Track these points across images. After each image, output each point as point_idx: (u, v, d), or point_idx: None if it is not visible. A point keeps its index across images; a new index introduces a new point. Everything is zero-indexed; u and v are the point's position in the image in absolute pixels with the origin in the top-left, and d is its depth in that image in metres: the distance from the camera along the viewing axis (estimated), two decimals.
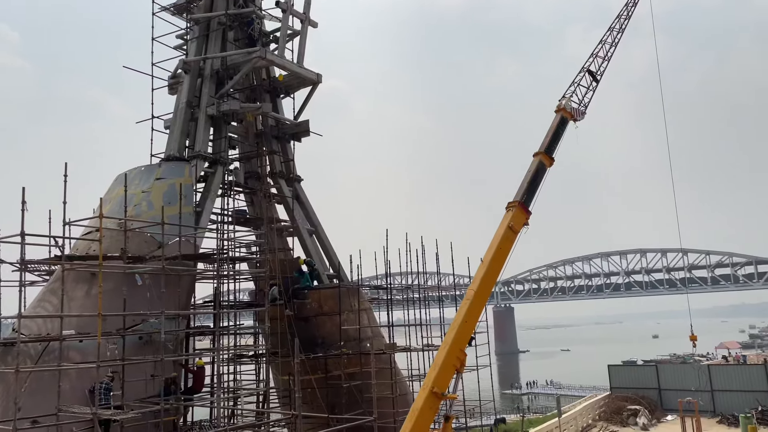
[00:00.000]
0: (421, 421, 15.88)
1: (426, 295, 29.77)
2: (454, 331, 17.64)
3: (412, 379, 26.58)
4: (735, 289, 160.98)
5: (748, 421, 29.77)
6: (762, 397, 33.03)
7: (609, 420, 33.50)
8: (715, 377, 35.37)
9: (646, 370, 40.54)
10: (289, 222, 25.03)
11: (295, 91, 26.14)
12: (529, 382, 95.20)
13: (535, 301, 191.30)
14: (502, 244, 19.73)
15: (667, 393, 35.89)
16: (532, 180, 21.37)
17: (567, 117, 22.82)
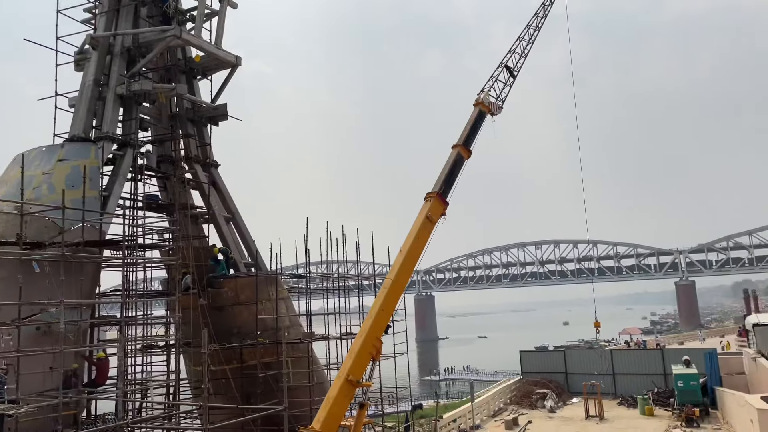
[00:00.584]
0: (335, 409, 15.93)
1: (346, 283, 29.82)
2: (370, 320, 17.78)
3: (330, 367, 26.63)
4: (639, 278, 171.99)
5: (645, 402, 31.89)
6: (658, 380, 35.44)
7: (519, 403, 34.93)
8: (616, 361, 37.60)
9: (555, 355, 42.53)
10: (205, 208, 24.25)
11: (212, 73, 25.26)
12: (447, 369, 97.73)
13: (455, 290, 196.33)
14: (419, 233, 20.04)
15: (573, 377, 37.84)
16: (450, 171, 21.79)
17: (485, 111, 23.39)
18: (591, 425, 28.99)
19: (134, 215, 19.75)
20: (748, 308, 58.06)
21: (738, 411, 24.70)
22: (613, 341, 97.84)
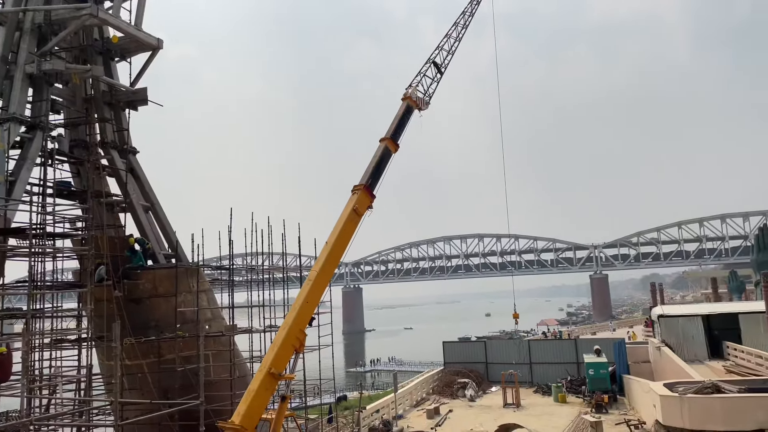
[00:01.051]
0: (256, 402, 15.72)
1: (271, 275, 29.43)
2: (294, 312, 17.64)
3: (253, 360, 26.24)
4: (557, 272, 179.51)
5: (559, 390, 33.43)
6: (571, 368, 37.23)
7: (441, 393, 35.75)
8: (533, 351, 39.19)
9: (476, 345, 43.82)
10: (122, 197, 23.23)
11: (132, 55, 24.16)
12: (373, 360, 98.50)
13: (383, 282, 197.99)
14: (346, 226, 20.05)
15: (493, 366, 39.12)
16: (377, 164, 21.89)
17: (412, 105, 23.63)
18: (508, 413, 30.08)
19: (43, 202, 18.63)
20: (655, 300, 61.83)
21: (643, 397, 26.31)
22: (532, 332, 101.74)
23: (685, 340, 36.67)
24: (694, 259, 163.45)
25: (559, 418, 28.20)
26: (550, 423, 27.38)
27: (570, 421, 27.20)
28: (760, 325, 34.30)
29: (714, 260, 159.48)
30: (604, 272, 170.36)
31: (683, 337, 36.80)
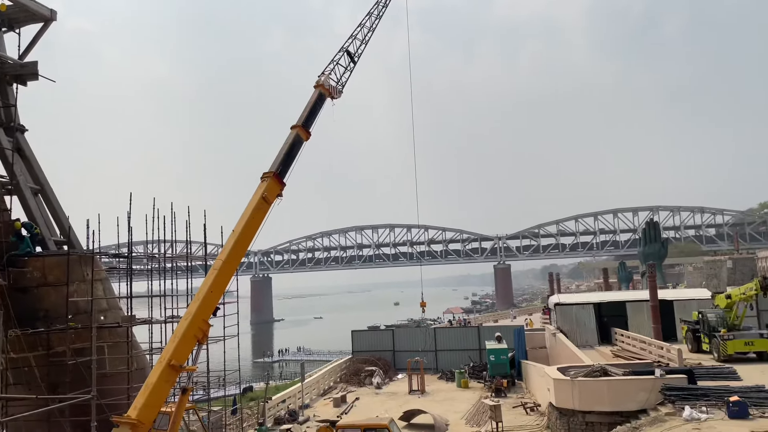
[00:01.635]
0: (154, 395, 15.11)
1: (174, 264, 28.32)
2: (198, 302, 17.07)
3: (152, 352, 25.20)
4: (464, 261, 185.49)
5: (462, 375, 34.62)
6: (474, 355, 38.64)
7: (349, 381, 36.03)
8: (439, 339, 40.33)
9: (384, 334, 44.47)
10: (7, 178, 21.47)
11: (22, 25, 22.31)
12: (281, 350, 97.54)
13: (293, 271, 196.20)
14: (254, 214, 19.62)
15: (400, 354, 39.88)
16: (288, 152, 21.55)
17: (325, 93, 23.44)
18: (413, 399, 30.80)
19: None
20: (552, 289, 65.34)
21: (539, 381, 27.78)
22: (438, 320, 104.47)
23: (578, 327, 39.06)
24: (589, 251, 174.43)
25: (461, 403, 29.24)
26: (452, 408, 28.32)
27: (471, 406, 28.27)
28: (644, 312, 37.17)
29: (606, 252, 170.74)
30: (508, 262, 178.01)
31: (576, 324, 39.17)
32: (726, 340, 27.57)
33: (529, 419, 25.35)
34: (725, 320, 29.18)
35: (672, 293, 43.69)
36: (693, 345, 31.19)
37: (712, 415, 17.63)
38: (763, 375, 22.57)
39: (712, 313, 30.22)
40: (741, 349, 27.47)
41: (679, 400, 19.23)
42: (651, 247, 78.36)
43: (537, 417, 25.41)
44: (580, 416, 21.20)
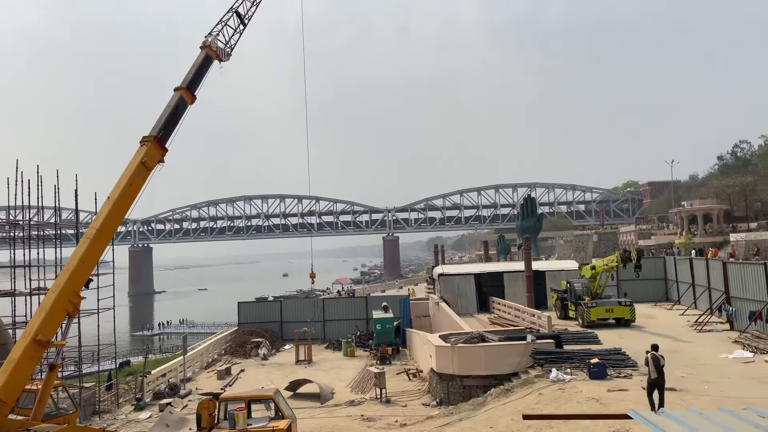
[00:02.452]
0: (18, 372, 13.99)
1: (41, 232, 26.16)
2: (68, 272, 15.92)
3: (15, 327, 23.30)
4: (354, 233, 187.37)
5: (348, 344, 35.19)
6: (361, 324, 39.36)
7: (234, 353, 35.42)
8: (327, 309, 40.63)
9: (272, 305, 44.10)
10: None
11: None
12: (162, 323, 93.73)
13: (176, 242, 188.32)
14: (133, 180, 18.55)
15: (287, 325, 39.76)
16: (171, 115, 20.45)
17: (212, 55, 22.40)
18: (300, 369, 30.92)
19: None
20: (437, 260, 67.82)
21: (422, 348, 28.86)
22: (327, 291, 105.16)
23: (460, 296, 40.97)
24: (473, 224, 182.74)
25: (347, 371, 29.77)
26: (338, 376, 28.77)
27: (357, 374, 28.86)
28: (519, 282, 39.63)
29: (488, 225, 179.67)
30: (396, 234, 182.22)
31: (458, 294, 41.05)
32: (590, 308, 30.12)
33: (412, 385, 26.35)
34: (590, 289, 31.84)
35: (544, 264, 46.93)
36: (561, 312, 33.78)
37: (575, 376, 19.26)
38: (620, 339, 24.95)
39: (579, 283, 32.84)
40: (602, 315, 30.15)
41: (547, 363, 20.81)
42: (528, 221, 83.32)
43: (419, 382, 26.46)
44: (458, 380, 22.34)
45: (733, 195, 78.68)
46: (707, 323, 28.76)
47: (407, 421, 20.55)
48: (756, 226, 67.67)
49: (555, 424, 14.22)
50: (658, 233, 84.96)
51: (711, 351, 22.64)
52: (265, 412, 16.23)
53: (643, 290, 38.91)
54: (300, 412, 21.08)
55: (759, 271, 26.12)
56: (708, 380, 18.04)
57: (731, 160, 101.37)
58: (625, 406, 14.54)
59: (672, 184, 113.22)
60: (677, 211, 78.16)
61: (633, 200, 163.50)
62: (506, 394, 19.62)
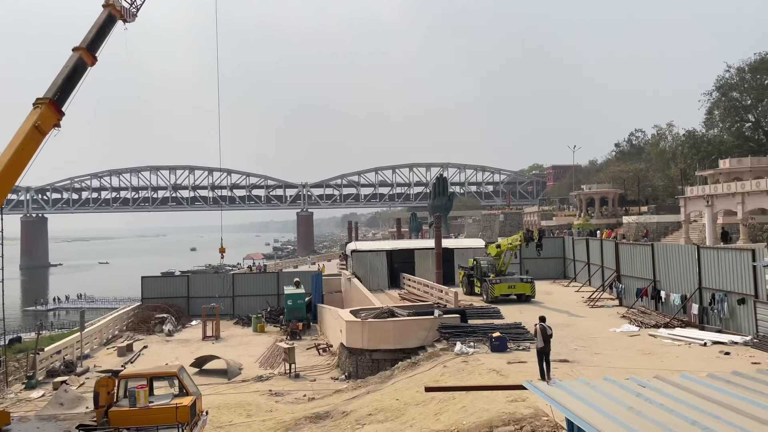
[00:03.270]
0: None
1: None
2: None
3: None
4: (267, 208, 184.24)
5: (258, 320, 34.80)
6: (272, 300, 38.98)
7: (136, 329, 34.09)
8: (237, 285, 39.88)
9: (178, 280, 42.71)
10: None
11: None
12: (58, 297, 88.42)
13: (74, 212, 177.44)
14: (24, 144, 17.34)
15: (195, 300, 38.70)
16: (68, 77, 19.23)
17: (115, 15, 21.16)
18: (206, 345, 30.26)
19: None
20: (350, 237, 68.11)
21: (332, 323, 29.05)
22: (238, 266, 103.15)
23: (372, 272, 41.45)
24: (386, 202, 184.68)
25: (256, 347, 29.49)
26: (247, 352, 28.44)
27: (266, 349, 28.66)
28: (429, 259, 40.62)
29: (401, 203, 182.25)
30: (310, 210, 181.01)
31: (370, 270, 41.51)
32: (494, 284, 31.41)
33: (322, 359, 26.52)
34: (494, 266, 33.18)
35: (453, 242, 48.33)
36: (467, 288, 35.01)
37: (478, 349, 20.09)
38: (520, 314, 26.22)
39: (484, 260, 34.12)
40: (505, 291, 31.54)
41: (453, 336, 21.57)
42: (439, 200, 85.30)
43: (329, 357, 26.68)
44: (367, 354, 22.72)
45: (628, 180, 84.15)
46: (599, 299, 30.81)
47: (315, 395, 20.71)
48: (646, 209, 72.95)
49: (457, 395, 14.82)
50: (559, 214, 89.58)
51: (602, 325, 24.31)
52: (168, 389, 15.80)
53: (543, 268, 41.03)
54: (206, 389, 20.71)
55: (646, 252, 28.22)
56: (597, 352, 19.39)
57: (627, 148, 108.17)
58: (523, 377, 15.37)
59: (573, 169, 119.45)
60: (577, 194, 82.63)
61: (538, 182, 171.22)
62: (413, 367, 20.18)
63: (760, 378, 5.34)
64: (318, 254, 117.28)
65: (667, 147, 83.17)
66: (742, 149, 68.99)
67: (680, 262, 25.06)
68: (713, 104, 76.75)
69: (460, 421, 13.32)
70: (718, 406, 4.61)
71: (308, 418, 17.31)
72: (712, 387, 5.13)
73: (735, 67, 74.11)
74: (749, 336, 19.95)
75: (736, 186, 47.23)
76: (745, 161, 55.20)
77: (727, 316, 21.52)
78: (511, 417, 12.56)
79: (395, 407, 16.29)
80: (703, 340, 20.13)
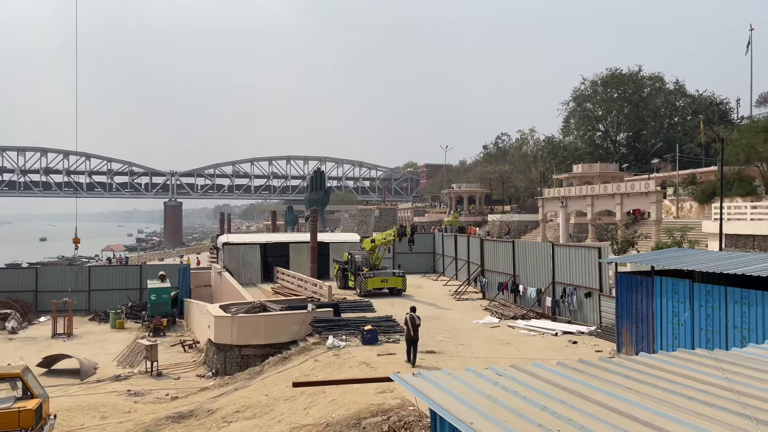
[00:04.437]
0: None
1: None
2: None
3: None
4: (131, 196, 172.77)
5: (117, 316, 32.54)
6: (134, 294, 36.62)
7: None
8: (93, 278, 36.97)
9: (24, 273, 38.79)
10: None
11: None
12: None
13: None
14: None
15: (44, 295, 35.33)
16: None
17: None
18: (57, 343, 27.78)
19: None
20: (222, 229, 65.91)
21: (200, 319, 27.89)
22: (96, 258, 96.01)
23: (244, 266, 40.41)
24: (262, 194, 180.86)
25: (114, 345, 27.58)
26: (103, 350, 26.51)
27: (125, 347, 26.90)
28: (305, 253, 40.38)
29: (278, 196, 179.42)
30: (180, 200, 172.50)
31: (243, 263, 40.45)
32: (367, 278, 31.90)
33: (187, 356, 25.39)
34: (368, 261, 33.71)
35: (329, 236, 48.46)
36: (342, 282, 35.27)
37: (350, 342, 20.28)
38: (392, 307, 26.86)
39: (359, 254, 34.57)
40: (378, 285, 32.16)
41: (325, 330, 21.59)
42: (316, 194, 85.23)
43: (195, 354, 25.60)
44: (237, 350, 22.11)
45: (493, 181, 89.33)
46: (465, 293, 32.40)
47: (179, 394, 19.78)
48: (509, 209, 77.89)
49: (327, 389, 14.84)
50: (430, 211, 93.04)
51: (466, 317, 25.57)
52: (10, 391, 14.32)
53: (415, 262, 42.37)
54: (55, 390, 19.05)
55: (507, 248, 30.10)
56: (462, 343, 20.36)
57: (494, 150, 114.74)
58: (392, 369, 15.73)
59: (445, 168, 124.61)
60: (447, 192, 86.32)
61: (412, 180, 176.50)
62: (284, 362, 19.93)
63: (602, 365, 5.85)
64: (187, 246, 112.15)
65: (529, 151, 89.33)
66: (593, 156, 75.91)
67: (537, 259, 27.01)
68: (569, 113, 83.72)
69: (330, 414, 13.36)
70: (565, 392, 4.98)
71: (170, 418, 16.47)
72: (561, 374, 5.54)
73: (589, 80, 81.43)
74: (594, 326, 21.97)
75: (587, 189, 51.86)
76: (595, 167, 60.79)
77: (576, 308, 23.53)
78: (379, 408, 12.80)
79: (264, 403, 15.99)
80: (555, 330, 21.85)
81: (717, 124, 66.38)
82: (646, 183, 47.29)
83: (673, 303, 15.51)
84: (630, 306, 17.16)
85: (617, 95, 80.00)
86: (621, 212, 47.71)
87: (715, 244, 29.53)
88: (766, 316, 12.96)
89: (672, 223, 45.36)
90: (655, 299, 16.11)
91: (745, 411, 4.41)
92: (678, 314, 15.35)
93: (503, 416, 4.45)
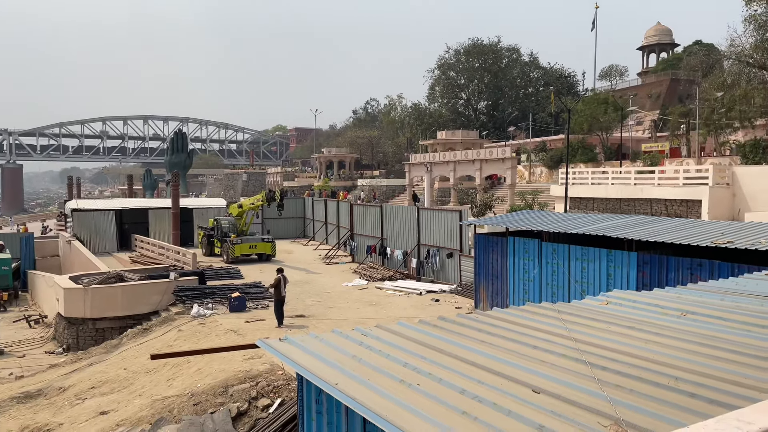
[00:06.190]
0: None
1: None
2: None
3: None
4: None
5: None
6: None
7: None
8: None
9: None
10: None
11: None
12: None
13: None
14: None
15: None
16: None
17: None
18: None
19: None
20: (71, 194, 60.49)
21: (47, 291, 25.66)
22: None
23: (98, 234, 37.56)
24: (116, 155, 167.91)
25: None
26: None
27: None
28: (166, 219, 38.34)
29: (134, 158, 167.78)
30: (19, 162, 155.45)
31: (96, 231, 37.56)
32: (234, 244, 31.08)
33: (33, 332, 23.35)
34: (236, 227, 32.80)
35: (193, 201, 46.36)
36: (207, 249, 34.05)
37: (216, 310, 19.75)
38: (261, 273, 26.47)
39: (225, 220, 33.49)
40: (246, 251, 31.46)
41: (189, 299, 20.82)
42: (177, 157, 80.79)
43: (42, 329, 23.60)
44: (90, 323, 20.70)
45: (363, 146, 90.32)
46: (335, 257, 32.75)
47: (25, 373, 18.18)
48: (378, 174, 79.34)
49: (192, 359, 14.40)
50: (300, 176, 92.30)
51: (336, 280, 25.91)
52: None
53: (284, 228, 41.95)
54: None
55: (376, 212, 30.75)
56: (331, 306, 20.64)
57: (363, 115, 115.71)
58: (260, 334, 15.60)
59: (315, 132, 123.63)
60: (317, 157, 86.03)
61: (281, 143, 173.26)
62: (144, 333, 19.01)
63: (459, 321, 6.22)
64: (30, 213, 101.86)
65: (397, 117, 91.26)
66: (456, 123, 79.23)
67: (403, 222, 27.91)
68: (434, 81, 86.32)
69: (195, 384, 13.00)
70: (426, 348, 5.23)
71: (15, 399, 15.14)
72: (422, 331, 5.81)
73: (453, 49, 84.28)
74: (455, 285, 23.28)
75: (450, 155, 54.18)
76: (457, 134, 63.57)
77: (438, 268, 24.75)
78: (247, 375, 12.67)
79: (123, 377, 15.19)
80: (420, 290, 22.86)
81: (565, 96, 72.07)
82: (502, 150, 50.39)
83: (524, 261, 16.83)
84: (486, 265, 18.36)
85: (478, 65, 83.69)
86: (480, 177, 50.51)
87: (561, 206, 32.33)
88: (602, 271, 14.50)
89: (525, 187, 48.93)
90: (508, 258, 17.37)
91: (581, 357, 4.92)
92: (528, 271, 16.70)
93: (367, 375, 4.59)
